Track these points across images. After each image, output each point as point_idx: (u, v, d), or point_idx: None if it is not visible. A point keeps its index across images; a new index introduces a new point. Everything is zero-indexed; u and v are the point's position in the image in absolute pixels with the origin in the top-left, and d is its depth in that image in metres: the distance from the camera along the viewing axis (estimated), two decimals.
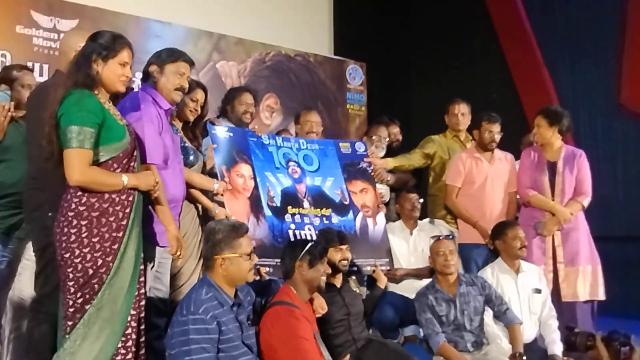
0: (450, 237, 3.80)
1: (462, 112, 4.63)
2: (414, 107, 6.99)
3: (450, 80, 6.88)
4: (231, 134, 3.65)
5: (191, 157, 3.25)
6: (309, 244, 2.98)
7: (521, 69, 6.66)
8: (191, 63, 2.91)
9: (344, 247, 3.35)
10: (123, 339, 2.33)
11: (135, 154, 2.47)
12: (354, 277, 3.62)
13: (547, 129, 4.08)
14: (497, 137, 4.29)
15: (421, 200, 4.35)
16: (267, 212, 3.60)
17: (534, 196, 4.04)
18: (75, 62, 2.41)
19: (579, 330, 3.62)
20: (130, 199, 2.40)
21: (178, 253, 2.65)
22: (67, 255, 2.28)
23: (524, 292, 3.69)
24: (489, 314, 3.54)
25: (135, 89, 3.25)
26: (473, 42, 7.06)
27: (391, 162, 4.43)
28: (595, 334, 3.51)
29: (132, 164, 2.44)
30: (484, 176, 4.29)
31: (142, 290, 2.44)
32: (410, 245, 4.19)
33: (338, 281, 3.36)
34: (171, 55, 2.86)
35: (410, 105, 7.05)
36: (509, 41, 6.78)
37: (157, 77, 2.82)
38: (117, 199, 2.35)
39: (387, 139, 4.66)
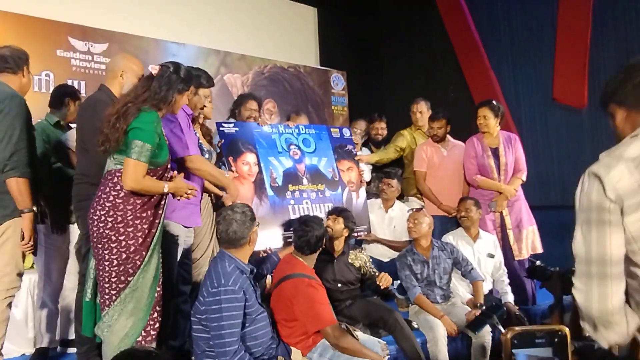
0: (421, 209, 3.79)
1: (420, 111, 4.64)
2: (386, 106, 6.94)
3: (415, 82, 6.85)
4: (237, 129, 3.58)
5: (206, 155, 3.20)
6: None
7: (472, 71, 6.63)
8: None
9: None
10: (151, 312, 2.29)
11: (169, 166, 2.42)
12: (359, 249, 3.43)
13: (493, 120, 4.05)
14: (439, 132, 4.28)
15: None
16: (270, 192, 3.54)
17: (483, 180, 4.03)
18: (158, 90, 2.31)
19: (539, 264, 3.65)
20: (162, 202, 2.34)
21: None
22: (104, 240, 2.22)
23: (479, 255, 3.72)
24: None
25: None
26: (433, 51, 7.02)
27: (373, 157, 4.44)
28: (553, 269, 3.52)
29: (165, 174, 2.38)
30: (443, 161, 4.29)
31: (161, 271, 2.38)
32: (384, 222, 4.19)
33: (339, 249, 3.25)
34: (207, 81, 2.90)
35: (383, 104, 7.01)
36: (462, 49, 6.75)
37: (191, 95, 2.80)
38: (152, 199, 2.29)
39: (363, 131, 4.69)
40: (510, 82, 6.31)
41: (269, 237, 3.33)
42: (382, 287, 3.09)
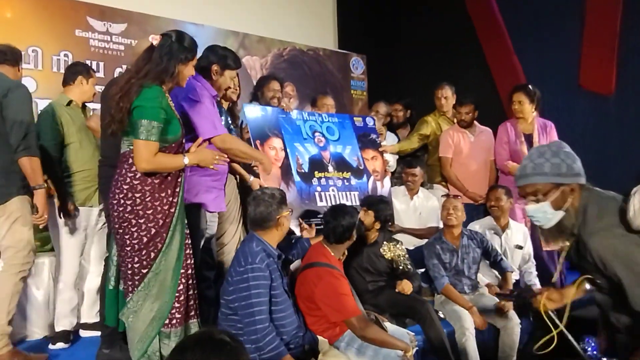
0: (458, 197, 3.69)
1: (444, 96, 4.50)
2: (406, 90, 6.81)
3: (436, 67, 6.69)
4: (263, 113, 3.50)
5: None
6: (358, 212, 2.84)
7: (495, 56, 6.48)
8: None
9: None
10: (177, 294, 2.22)
11: (183, 141, 2.31)
12: (394, 242, 3.29)
13: (528, 105, 3.93)
14: (467, 117, 4.16)
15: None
16: (297, 178, 3.46)
17: (514, 166, 3.90)
18: (159, 60, 2.16)
19: None
20: (179, 180, 2.24)
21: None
22: (125, 225, 2.15)
23: (506, 246, 3.61)
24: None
25: None
26: (454, 34, 6.84)
27: (396, 148, 4.32)
28: None
29: (180, 150, 2.27)
30: (470, 147, 4.17)
31: (188, 251, 2.29)
32: (410, 209, 4.09)
33: (371, 238, 3.21)
34: (234, 62, 2.79)
35: (402, 89, 6.87)
36: (485, 33, 6.58)
37: (217, 76, 2.72)
38: (169, 178, 2.20)
39: (384, 113, 4.60)
40: (534, 67, 6.13)
41: (296, 223, 3.25)
42: (406, 293, 3.03)
